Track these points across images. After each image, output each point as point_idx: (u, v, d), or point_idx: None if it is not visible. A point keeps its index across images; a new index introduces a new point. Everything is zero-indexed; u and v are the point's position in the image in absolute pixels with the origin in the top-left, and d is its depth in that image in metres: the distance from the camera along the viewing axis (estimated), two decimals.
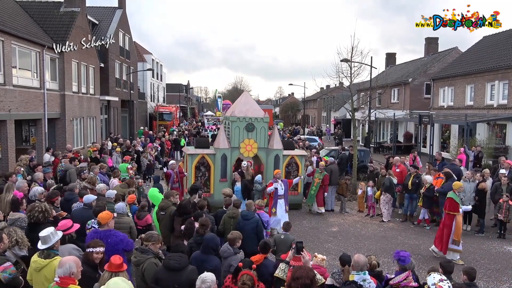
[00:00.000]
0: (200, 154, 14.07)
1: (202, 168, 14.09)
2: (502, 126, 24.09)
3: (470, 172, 13.79)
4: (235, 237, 6.64)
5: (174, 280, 5.10)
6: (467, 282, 5.64)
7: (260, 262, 5.97)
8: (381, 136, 40.73)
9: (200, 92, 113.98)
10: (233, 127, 14.17)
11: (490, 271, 9.73)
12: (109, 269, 4.78)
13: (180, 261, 5.32)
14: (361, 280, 5.02)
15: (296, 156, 15.04)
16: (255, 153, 14.42)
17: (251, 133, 14.28)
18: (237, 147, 14.23)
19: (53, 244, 5.27)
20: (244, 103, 14.83)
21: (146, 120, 44.11)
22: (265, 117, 14.45)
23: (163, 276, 5.26)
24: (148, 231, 7.38)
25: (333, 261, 9.56)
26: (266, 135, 14.55)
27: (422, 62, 39.89)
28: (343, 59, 19.26)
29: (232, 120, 14.16)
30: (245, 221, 8.10)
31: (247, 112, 14.37)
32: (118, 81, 33.70)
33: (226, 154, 14.15)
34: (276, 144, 14.63)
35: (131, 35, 37.39)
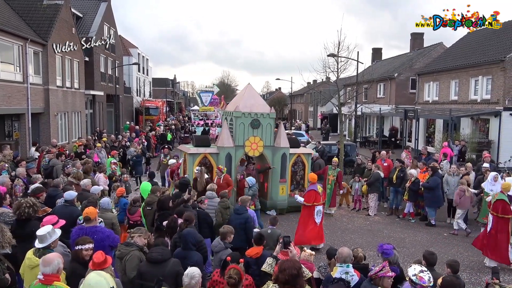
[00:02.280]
0: (203, 153, 12.83)
1: (203, 168, 12.58)
2: (485, 120, 24.48)
3: (455, 166, 13.99)
4: (226, 231, 6.63)
5: (157, 272, 5.09)
6: (451, 274, 5.73)
7: (260, 254, 6.00)
8: (367, 131, 41.07)
9: (187, 87, 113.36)
10: (237, 124, 13.06)
11: (473, 263, 9.91)
12: (93, 267, 4.73)
13: (163, 253, 5.33)
14: (344, 273, 5.07)
15: (302, 154, 14.12)
16: (260, 151, 13.35)
17: (256, 130, 13.20)
18: (242, 146, 13.11)
19: (50, 244, 5.21)
20: (249, 97, 13.60)
21: (132, 115, 43.71)
22: (271, 113, 13.45)
23: (146, 269, 5.26)
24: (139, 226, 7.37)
25: (319, 254, 9.64)
26: (272, 132, 13.53)
27: (407, 57, 40.25)
28: (330, 54, 19.32)
29: (237, 115, 13.00)
30: (236, 215, 8.15)
31: (252, 107, 13.23)
32: (103, 75, 33.30)
33: (231, 153, 12.93)
34: (283, 142, 13.56)
35: (116, 29, 36.91)
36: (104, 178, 11.97)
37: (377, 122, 37.34)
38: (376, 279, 4.80)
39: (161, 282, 4.72)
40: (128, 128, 31.50)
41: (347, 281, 5.02)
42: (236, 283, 4.68)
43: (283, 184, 13.60)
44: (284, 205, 13.75)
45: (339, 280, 4.98)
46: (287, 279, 4.52)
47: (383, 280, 4.79)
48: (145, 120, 40.02)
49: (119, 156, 16.62)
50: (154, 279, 4.84)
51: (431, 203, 12.99)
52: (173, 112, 61.62)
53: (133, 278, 5.39)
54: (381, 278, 4.78)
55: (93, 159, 15.12)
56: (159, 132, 28.76)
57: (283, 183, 13.58)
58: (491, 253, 9.63)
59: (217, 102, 43.35)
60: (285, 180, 13.63)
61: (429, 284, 4.62)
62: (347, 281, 5.02)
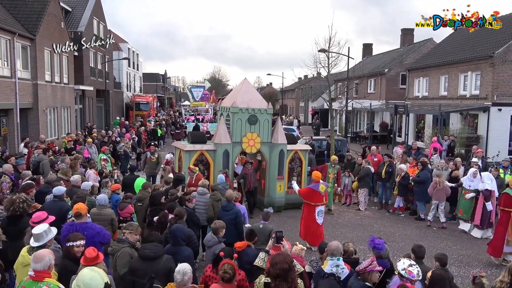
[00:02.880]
0: (199, 150, 12.48)
1: (200, 166, 12.41)
2: (474, 116, 24.73)
3: (443, 161, 14.13)
4: (218, 226, 6.65)
5: (150, 269, 5.06)
6: (439, 267, 5.81)
7: (242, 249, 6.01)
8: (358, 126, 41.27)
9: (178, 82, 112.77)
10: (234, 120, 12.76)
11: (462, 257, 10.05)
12: (85, 263, 4.70)
13: (155, 250, 5.29)
14: (334, 266, 5.12)
15: (299, 151, 13.95)
16: (258, 148, 13.09)
17: (253, 126, 12.94)
18: (239, 142, 12.83)
19: (45, 243, 5.17)
20: (245, 92, 13.29)
21: (123, 110, 43.40)
22: (268, 109, 13.19)
23: (139, 266, 5.22)
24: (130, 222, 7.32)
25: (310, 249, 9.70)
26: (270, 129, 13.30)
27: (398, 53, 40.44)
28: (321, 49, 19.34)
29: (234, 111, 12.70)
30: (224, 212, 8.13)
31: (250, 103, 12.92)
32: (93, 70, 32.96)
33: (228, 150, 12.64)
34: (281, 138, 13.29)
35: (105, 23, 36.54)
36: (94, 174, 11.90)
37: (367, 118, 37.53)
38: (364, 274, 4.84)
39: (153, 279, 4.71)
40: (118, 124, 31.29)
41: (338, 276, 5.06)
42: (230, 278, 4.71)
43: (281, 181, 13.40)
44: (282, 203, 13.59)
45: (329, 275, 5.03)
46: (278, 273, 4.57)
47: (371, 275, 4.84)
48: (135, 116, 39.78)
49: (109, 152, 16.48)
50: (146, 275, 4.84)
51: (421, 197, 13.13)
52: (163, 108, 61.36)
53: (124, 274, 5.37)
54: (369, 272, 4.82)
55: (83, 155, 15.03)
56: (150, 128, 28.61)
57: (280, 180, 13.38)
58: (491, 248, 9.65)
59: (208, 98, 43.20)
60: (283, 177, 13.43)
61: (418, 278, 4.68)
62: (338, 276, 5.06)
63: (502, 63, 22.57)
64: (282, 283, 4.56)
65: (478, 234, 11.52)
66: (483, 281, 5.29)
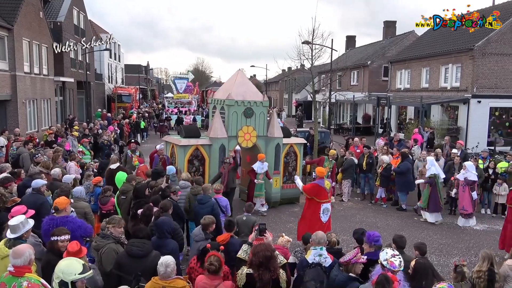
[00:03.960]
0: (194, 145, 11.96)
1: (195, 162, 12.00)
2: (454, 108, 25.16)
3: (424, 152, 14.36)
4: (208, 222, 6.57)
5: (137, 266, 5.01)
6: (419, 256, 5.93)
7: (227, 241, 6.01)
8: (341, 118, 41.57)
9: (160, 74, 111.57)
10: (230, 113, 12.26)
11: (442, 246, 10.27)
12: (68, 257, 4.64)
13: (143, 248, 5.22)
14: (317, 255, 5.18)
15: (294, 144, 13.60)
16: (254, 142, 12.63)
17: (249, 120, 12.49)
18: (235, 136, 12.37)
19: (22, 234, 5.07)
20: (240, 84, 12.78)
21: (104, 102, 42.75)
22: (264, 101, 12.76)
23: (126, 262, 5.16)
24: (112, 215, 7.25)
25: (295, 240, 9.76)
26: (266, 122, 12.87)
27: (380, 45, 40.76)
28: (305, 41, 19.34)
29: (229, 104, 12.17)
30: (200, 205, 8.08)
31: (245, 95, 12.45)
32: (73, 61, 32.34)
33: (225, 144, 12.15)
34: (277, 131, 12.91)
35: (86, 13, 35.82)
36: (75, 166, 11.73)
37: (350, 109, 37.83)
38: (348, 266, 4.91)
39: (139, 277, 4.68)
40: (100, 116, 30.81)
41: (324, 266, 5.12)
42: (217, 270, 4.71)
43: (277, 176, 13.12)
44: (278, 198, 13.33)
45: (316, 265, 5.08)
46: (260, 261, 4.59)
47: (354, 267, 4.91)
48: (117, 108, 39.24)
49: (90, 144, 16.24)
50: (133, 272, 4.81)
51: (402, 188, 13.33)
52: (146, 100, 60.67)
53: (111, 270, 5.32)
54: (353, 264, 4.90)
55: (64, 147, 14.79)
56: (133, 120, 28.24)
57: (276, 175, 13.08)
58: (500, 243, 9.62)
59: (191, 89, 42.86)
60: (279, 172, 13.16)
61: (400, 268, 4.75)
62: (324, 266, 5.12)
63: (482, 56, 22.97)
64: (264, 272, 4.58)
65: (465, 223, 11.84)
66: (464, 270, 5.41)
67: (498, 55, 22.95)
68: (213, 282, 4.68)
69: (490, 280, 5.40)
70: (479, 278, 5.42)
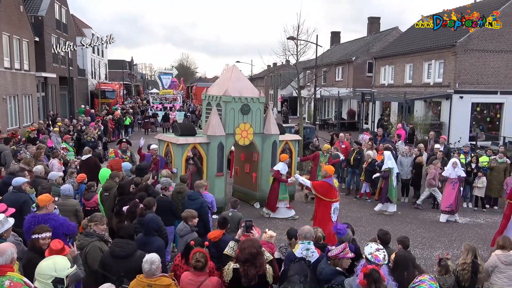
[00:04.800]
0: (192, 143, 11.51)
1: (192, 160, 11.67)
2: (437, 103, 25.52)
3: (407, 147, 14.54)
4: (187, 215, 6.60)
5: (121, 266, 4.97)
6: (402, 250, 6.00)
7: (219, 238, 6.00)
8: (326, 114, 41.80)
9: (145, 69, 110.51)
10: (227, 109, 11.85)
11: (425, 239, 10.43)
12: (50, 255, 4.57)
13: (126, 249, 5.15)
14: (305, 249, 5.21)
15: (290, 141, 13.35)
16: (251, 140, 12.27)
17: (246, 116, 12.10)
18: (232, 134, 11.97)
19: (2, 233, 4.97)
20: (236, 79, 12.38)
21: (87, 98, 42.20)
22: (261, 97, 12.40)
23: (110, 262, 5.11)
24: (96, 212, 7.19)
25: (280, 235, 9.79)
26: (262, 118, 12.54)
27: (364, 41, 41.03)
28: (290, 37, 19.37)
29: (226, 100, 11.76)
30: (190, 201, 8.06)
31: (242, 91, 12.05)
32: (55, 57, 31.79)
33: (223, 142, 11.75)
34: (273, 128, 12.54)
35: (68, 7, 35.22)
36: (58, 164, 11.56)
37: (335, 105, 38.05)
38: (335, 260, 4.95)
39: (122, 279, 4.65)
40: (83, 112, 30.41)
41: (308, 260, 5.15)
42: (203, 266, 4.70)
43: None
44: None
45: (300, 259, 5.11)
46: (246, 258, 4.61)
47: (342, 261, 4.96)
48: (101, 104, 38.77)
49: (73, 141, 16.01)
50: (117, 273, 4.77)
51: None
52: (130, 95, 60.07)
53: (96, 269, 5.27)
54: (341, 259, 4.94)
55: (47, 144, 14.55)
56: (117, 116, 27.89)
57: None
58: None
59: (176, 85, 42.53)
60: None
61: (384, 262, 4.81)
62: (308, 260, 5.15)
63: (464, 52, 23.31)
64: (250, 267, 4.61)
65: (445, 219, 11.89)
66: (448, 263, 5.50)
67: (479, 51, 23.33)
68: (199, 279, 4.67)
69: (473, 272, 5.50)
70: (463, 270, 5.52)
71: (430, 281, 4.27)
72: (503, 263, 5.99)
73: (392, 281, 4.86)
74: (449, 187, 11.88)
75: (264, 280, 4.78)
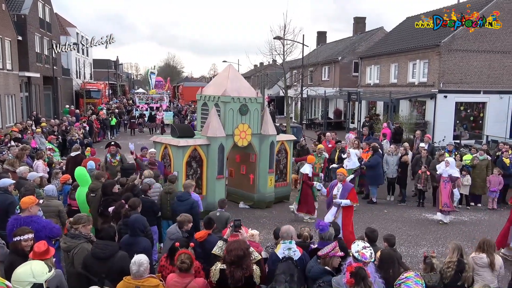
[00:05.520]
0: (193, 146, 11.14)
1: (193, 163, 11.24)
2: (422, 102, 25.83)
3: (393, 146, 14.69)
4: (183, 220, 6.48)
5: (102, 268, 4.93)
6: (388, 247, 6.06)
7: (204, 239, 5.97)
8: (313, 113, 41.98)
9: (131, 69, 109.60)
10: (226, 110, 11.55)
11: (411, 237, 10.55)
12: (34, 257, 4.51)
13: (106, 250, 5.10)
14: (287, 249, 5.23)
15: (285, 141, 13.23)
16: (249, 140, 12.03)
17: (244, 117, 11.88)
18: (231, 135, 11.70)
19: None
20: (234, 79, 12.13)
21: (72, 98, 41.66)
22: (258, 97, 12.21)
23: (91, 263, 5.06)
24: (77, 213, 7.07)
25: (267, 235, 9.81)
26: (259, 119, 12.33)
27: (350, 41, 41.32)
28: (276, 36, 19.42)
29: (225, 100, 11.46)
30: (180, 202, 8.00)
31: (240, 91, 11.79)
32: (39, 56, 31.29)
33: (224, 144, 11.45)
34: (271, 129, 12.36)
35: (51, 6, 34.71)
36: (43, 165, 11.39)
37: (322, 105, 38.24)
38: (325, 259, 4.98)
39: (103, 280, 4.60)
40: (68, 112, 30.00)
41: (295, 260, 5.17)
42: (188, 267, 4.69)
43: (271, 175, 12.64)
44: (272, 198, 12.86)
45: (287, 259, 5.12)
46: (233, 260, 4.62)
47: (332, 260, 4.99)
48: (86, 104, 38.31)
49: (57, 142, 15.79)
50: (98, 274, 4.73)
51: (373, 181, 13.59)
52: (116, 95, 59.50)
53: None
54: (331, 257, 4.97)
55: (30, 145, 14.33)
56: (102, 117, 27.57)
57: (271, 174, 12.61)
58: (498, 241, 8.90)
59: (162, 85, 42.28)
60: (273, 171, 12.70)
61: (371, 259, 4.85)
62: (295, 260, 5.17)
63: (448, 52, 23.64)
64: (236, 269, 4.61)
65: (443, 218, 11.63)
66: (433, 261, 5.56)
67: (463, 51, 23.68)
68: (184, 280, 4.65)
69: (459, 271, 5.57)
70: (448, 268, 5.58)
71: (416, 278, 4.31)
72: (477, 265, 6.10)
73: (379, 278, 4.90)
74: (442, 186, 11.76)
75: (251, 281, 4.79)
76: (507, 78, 24.38)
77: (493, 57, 23.98)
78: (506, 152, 13.76)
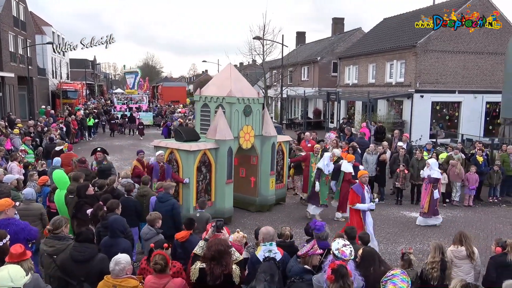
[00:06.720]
0: (203, 150, 10.61)
1: (203, 168, 10.72)
2: (399, 102, 26.29)
3: (373, 145, 14.91)
4: (154, 217, 6.51)
5: (81, 271, 4.86)
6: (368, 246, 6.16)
7: (186, 239, 5.95)
8: (293, 113, 42.21)
9: (108, 69, 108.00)
10: (232, 111, 11.08)
11: (389, 235, 10.73)
12: (11, 260, 4.43)
13: (85, 253, 5.02)
14: (267, 251, 5.25)
15: (282, 142, 12.98)
16: (252, 143, 11.64)
17: (248, 118, 11.47)
18: (237, 137, 11.23)
19: None
20: (237, 79, 11.73)
21: (48, 99, 40.81)
22: (260, 98, 11.88)
23: (70, 266, 4.99)
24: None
25: (249, 235, 9.82)
26: (261, 120, 12.01)
27: (329, 41, 41.71)
28: (256, 36, 19.47)
29: (231, 101, 10.96)
30: (160, 203, 7.95)
31: (243, 91, 11.40)
32: (13, 55, 30.54)
33: (232, 147, 10.99)
34: (272, 130, 12.10)
35: (26, 4, 33.92)
36: (18, 167, 11.13)
37: (301, 104, 38.49)
38: (305, 258, 5.02)
39: (81, 283, 4.54)
40: (44, 113, 29.36)
41: (278, 261, 5.19)
42: (162, 268, 4.65)
43: (273, 177, 12.34)
44: (273, 200, 12.58)
45: (270, 259, 5.14)
46: (213, 255, 4.62)
47: (312, 258, 5.03)
48: (62, 104, 37.57)
49: (33, 143, 15.46)
50: (77, 277, 4.67)
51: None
52: (94, 96, 58.58)
53: None
54: (311, 256, 5.01)
55: (4, 146, 13.98)
56: (79, 117, 27.05)
57: (272, 176, 12.31)
58: None
59: (141, 85, 41.76)
60: (274, 173, 12.40)
61: (350, 257, 4.92)
62: (278, 261, 5.19)
63: (424, 53, 24.13)
64: (216, 266, 4.60)
65: (423, 222, 11.48)
66: (411, 257, 5.67)
67: (438, 52, 24.21)
68: (162, 281, 4.62)
69: (442, 270, 5.69)
70: (433, 269, 5.67)
71: (402, 275, 4.39)
72: (456, 258, 6.26)
73: (359, 275, 4.97)
74: (423, 187, 11.76)
75: (230, 279, 4.79)
76: (481, 78, 25.06)
77: (467, 57, 24.59)
78: (480, 151, 14.16)
